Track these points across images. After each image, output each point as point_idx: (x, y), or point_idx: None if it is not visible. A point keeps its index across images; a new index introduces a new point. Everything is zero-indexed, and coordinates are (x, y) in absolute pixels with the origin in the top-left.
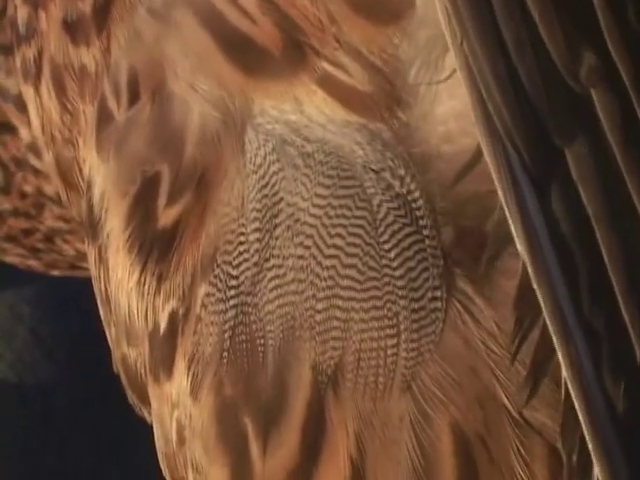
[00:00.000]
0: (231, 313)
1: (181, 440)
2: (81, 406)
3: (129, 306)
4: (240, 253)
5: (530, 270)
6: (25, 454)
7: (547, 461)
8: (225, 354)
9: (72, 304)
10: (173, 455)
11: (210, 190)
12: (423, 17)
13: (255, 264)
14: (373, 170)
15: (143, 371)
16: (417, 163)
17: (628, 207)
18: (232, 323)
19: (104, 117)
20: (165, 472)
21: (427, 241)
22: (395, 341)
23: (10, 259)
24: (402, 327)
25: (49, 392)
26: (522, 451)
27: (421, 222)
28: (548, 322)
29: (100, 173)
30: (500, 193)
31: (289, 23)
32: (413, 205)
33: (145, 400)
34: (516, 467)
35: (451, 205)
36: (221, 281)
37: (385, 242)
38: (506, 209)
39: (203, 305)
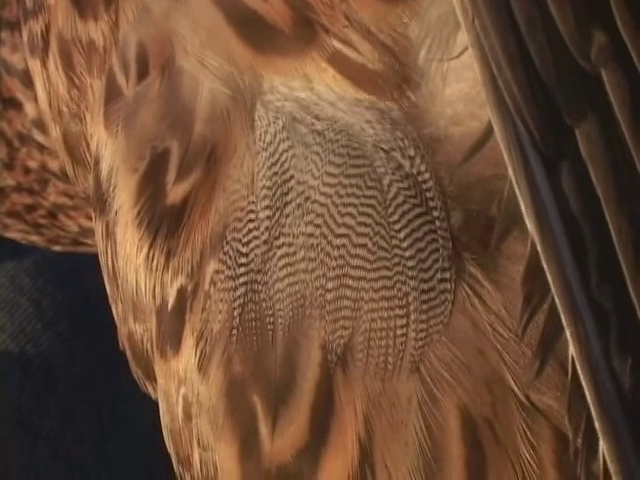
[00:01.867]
0: (241, 290)
1: (187, 417)
2: (82, 376)
3: (137, 282)
4: (250, 230)
5: (539, 248)
6: (26, 423)
7: (553, 444)
8: (234, 331)
9: (73, 275)
10: (179, 431)
11: (219, 166)
12: None
13: (265, 242)
14: (383, 149)
15: (150, 347)
16: (426, 144)
17: (636, 186)
18: (241, 301)
19: (112, 92)
20: (170, 448)
21: (437, 222)
22: (405, 321)
23: (12, 234)
24: (412, 307)
25: (50, 362)
26: (529, 434)
27: (431, 203)
28: (556, 299)
29: (108, 149)
30: (510, 170)
31: (299, 1)
32: (423, 186)
33: (150, 376)
34: (522, 450)
35: (458, 188)
36: (230, 258)
37: (395, 222)
38: (516, 187)
39: (212, 282)
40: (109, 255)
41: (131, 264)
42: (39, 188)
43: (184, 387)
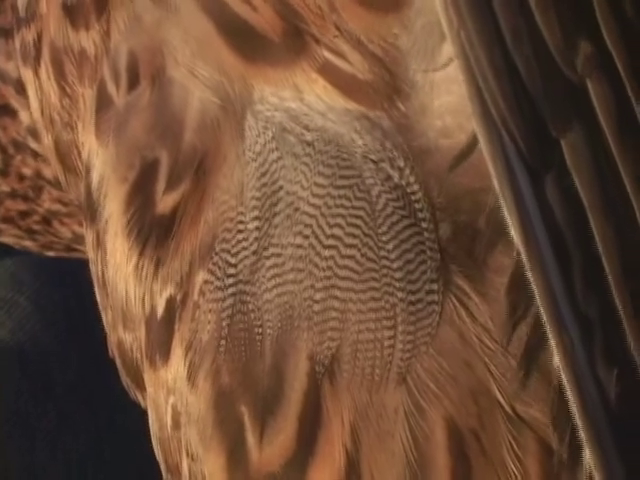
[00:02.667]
0: (229, 301)
1: (176, 426)
2: (79, 374)
3: (126, 290)
4: (239, 241)
5: (524, 257)
6: (24, 420)
7: (539, 456)
8: (223, 342)
9: (71, 274)
10: (168, 440)
11: (209, 176)
12: (421, 5)
13: (254, 252)
14: (372, 160)
15: (139, 356)
16: (416, 156)
17: (622, 196)
18: (230, 311)
19: (103, 102)
20: (159, 457)
21: (425, 234)
22: (392, 333)
23: (5, 239)
24: (399, 319)
25: (49, 360)
26: (515, 446)
27: (420, 215)
28: (541, 309)
29: (99, 158)
30: (495, 181)
31: (289, 11)
32: (412, 197)
33: (140, 385)
34: (508, 462)
35: (447, 200)
36: (219, 269)
37: (384, 233)
38: (501, 198)
39: (201, 292)
40: (99, 264)
41: (121, 273)
42: (33, 195)
43: (173, 397)
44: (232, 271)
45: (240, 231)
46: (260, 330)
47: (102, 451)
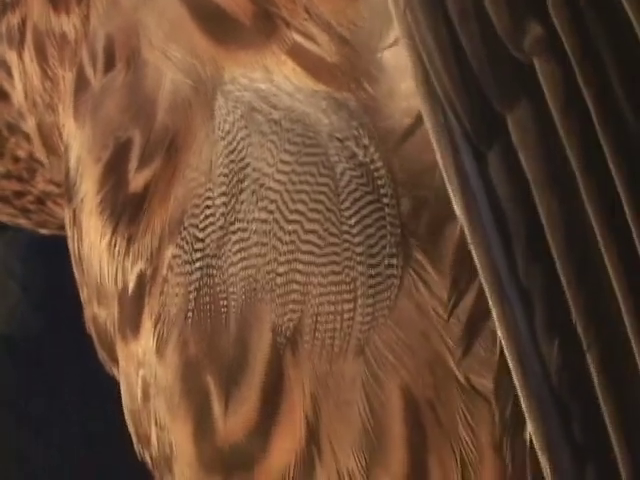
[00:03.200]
0: (196, 275)
1: (146, 397)
2: (70, 359)
3: (100, 267)
4: (206, 217)
5: (467, 232)
6: (15, 404)
7: (492, 426)
8: (189, 314)
9: (62, 260)
10: (138, 412)
11: (179, 154)
12: None
13: (221, 227)
14: (338, 139)
15: (112, 330)
16: (381, 136)
17: (566, 171)
18: (197, 285)
19: (81, 84)
20: (130, 428)
21: (387, 209)
22: (352, 305)
23: (0, 217)
24: (359, 292)
25: (40, 346)
26: (468, 416)
27: (382, 191)
28: (483, 282)
29: (76, 139)
30: (439, 158)
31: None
32: (375, 174)
33: (114, 359)
34: (462, 431)
35: (408, 176)
36: (188, 243)
37: (346, 209)
38: (444, 174)
39: (170, 267)
40: (75, 241)
41: (95, 250)
42: (28, 176)
43: (143, 369)
44: (199, 245)
45: (208, 207)
46: (225, 303)
47: (92, 438)
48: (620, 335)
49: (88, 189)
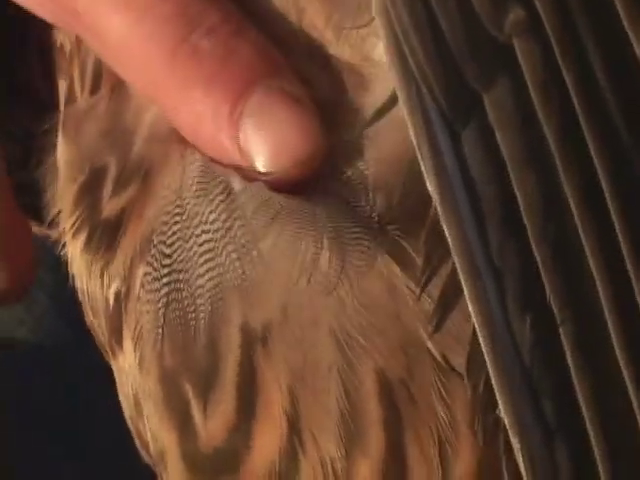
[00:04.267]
0: (164, 290)
1: (138, 406)
2: (96, 368)
3: (82, 282)
4: (174, 232)
5: (439, 209)
6: (41, 411)
7: (468, 403)
8: (160, 330)
9: None
10: (135, 419)
11: (154, 179)
12: None
13: (186, 241)
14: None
15: (104, 340)
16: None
17: (544, 151)
18: (165, 300)
19: (71, 98)
20: (135, 437)
21: (361, 213)
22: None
23: None
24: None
25: (66, 355)
26: (444, 393)
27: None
28: (455, 259)
29: (60, 151)
30: (413, 135)
31: None
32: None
33: (110, 361)
34: (438, 409)
35: (382, 159)
36: (156, 260)
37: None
38: (418, 151)
39: (141, 284)
40: (64, 248)
41: (76, 265)
42: None
43: (131, 380)
44: (167, 261)
45: (176, 222)
46: (194, 315)
47: (122, 443)
48: (595, 312)
49: (64, 207)
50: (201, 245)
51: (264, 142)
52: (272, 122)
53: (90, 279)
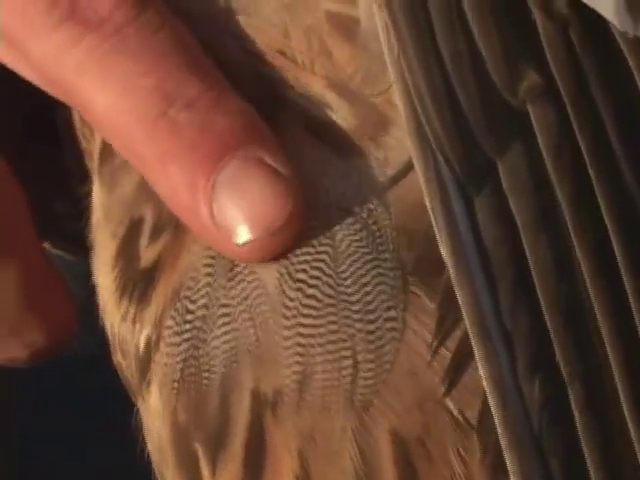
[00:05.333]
0: (183, 346)
1: (162, 450)
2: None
3: (113, 325)
4: (199, 289)
5: (452, 273)
6: (64, 420)
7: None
8: (176, 384)
9: None
10: (159, 461)
11: (185, 231)
12: (366, 33)
13: (207, 301)
14: (342, 208)
15: (132, 381)
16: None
17: (556, 217)
18: (184, 356)
19: (106, 150)
20: (156, 471)
21: (386, 264)
22: (350, 362)
23: None
24: (358, 348)
25: (92, 368)
26: (461, 450)
27: (381, 247)
28: (467, 323)
29: (98, 202)
30: (427, 200)
31: (270, 76)
32: (376, 234)
33: (137, 402)
34: (455, 465)
35: (402, 217)
36: (180, 315)
37: (343, 272)
38: (432, 216)
39: (163, 336)
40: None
41: (108, 309)
42: None
43: (157, 427)
44: (189, 317)
45: (201, 281)
46: (208, 375)
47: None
48: (604, 373)
49: (103, 262)
50: (220, 307)
51: (237, 213)
52: (245, 193)
53: (122, 323)
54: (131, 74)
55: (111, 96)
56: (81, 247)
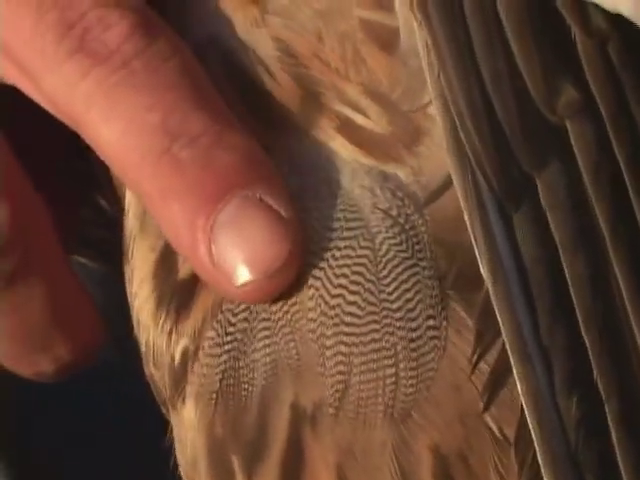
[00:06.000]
0: (224, 358)
1: (195, 466)
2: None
3: (149, 334)
4: (240, 302)
5: (491, 293)
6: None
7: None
8: (214, 395)
9: None
10: (190, 473)
11: None
12: (407, 49)
13: (249, 313)
14: (380, 209)
15: (165, 391)
16: (422, 193)
17: (595, 235)
18: (223, 367)
19: None
20: None
21: (425, 272)
22: (393, 371)
23: None
24: (400, 357)
25: (108, 369)
26: (500, 467)
27: (419, 255)
28: (505, 340)
29: (132, 212)
30: (467, 217)
31: (309, 78)
32: (414, 239)
33: (168, 413)
34: None
35: (441, 231)
36: (222, 327)
37: (384, 277)
38: (471, 233)
39: (203, 347)
40: (130, 296)
41: (143, 318)
42: None
43: (190, 439)
44: (231, 329)
45: None
46: (247, 387)
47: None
48: None
49: (141, 273)
50: (261, 321)
51: (236, 254)
52: (245, 234)
53: (158, 333)
54: (137, 109)
55: (116, 131)
56: (101, 253)
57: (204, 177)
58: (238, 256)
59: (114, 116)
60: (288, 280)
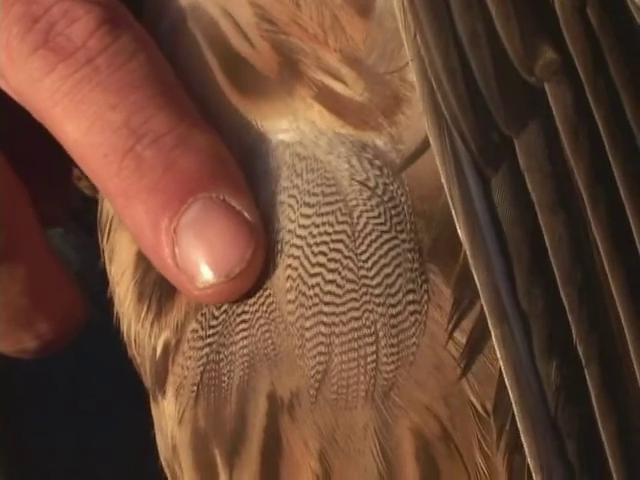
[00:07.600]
0: (206, 350)
1: (175, 451)
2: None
3: (130, 326)
4: None
5: (469, 254)
6: (68, 395)
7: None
8: (195, 388)
9: None
10: (171, 460)
11: None
12: (381, 12)
13: (231, 307)
14: (357, 181)
15: (145, 377)
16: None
17: (574, 195)
18: (205, 360)
19: None
20: (169, 477)
21: (404, 245)
22: (374, 348)
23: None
24: (381, 334)
25: (95, 333)
26: (484, 446)
27: (399, 227)
28: (483, 303)
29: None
30: (444, 180)
31: (287, 45)
32: (392, 211)
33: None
34: (478, 461)
35: (418, 198)
36: (205, 320)
37: (362, 252)
38: (449, 195)
39: (187, 340)
40: (110, 274)
41: (124, 309)
42: None
43: (170, 429)
44: (214, 322)
45: None
46: (226, 379)
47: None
48: (620, 353)
49: (123, 262)
50: (239, 315)
51: (198, 256)
52: (207, 236)
53: (140, 325)
54: (100, 107)
55: (80, 129)
56: (80, 225)
57: (167, 178)
58: (201, 258)
59: (78, 114)
60: (251, 282)
